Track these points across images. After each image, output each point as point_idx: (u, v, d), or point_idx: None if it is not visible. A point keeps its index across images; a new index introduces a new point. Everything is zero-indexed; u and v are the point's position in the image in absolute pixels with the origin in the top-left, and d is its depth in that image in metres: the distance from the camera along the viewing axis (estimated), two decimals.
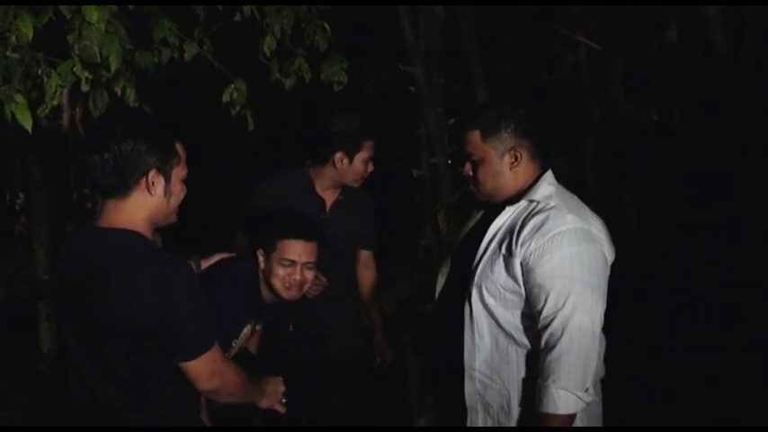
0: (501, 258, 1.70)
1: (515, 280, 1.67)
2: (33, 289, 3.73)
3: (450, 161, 3.59)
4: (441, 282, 1.93)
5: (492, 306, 1.70)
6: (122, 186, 1.50)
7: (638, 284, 3.65)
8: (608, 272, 1.70)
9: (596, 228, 1.70)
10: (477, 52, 3.78)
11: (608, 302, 1.67)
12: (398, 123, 3.87)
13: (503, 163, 1.74)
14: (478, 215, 1.92)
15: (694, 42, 3.97)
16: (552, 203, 1.69)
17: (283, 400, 1.80)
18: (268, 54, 2.66)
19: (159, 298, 1.44)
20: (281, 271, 2.06)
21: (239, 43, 2.82)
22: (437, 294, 1.95)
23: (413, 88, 3.62)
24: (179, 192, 1.57)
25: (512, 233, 1.70)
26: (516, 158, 1.74)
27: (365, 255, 2.75)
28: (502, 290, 1.69)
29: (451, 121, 3.60)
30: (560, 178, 1.80)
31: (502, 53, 4.06)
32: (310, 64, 2.74)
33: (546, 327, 1.62)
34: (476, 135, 1.75)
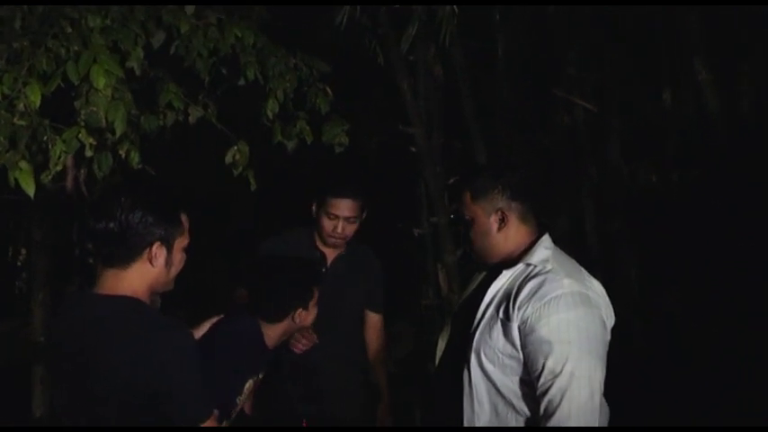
0: (499, 323, 1.70)
1: (513, 345, 1.66)
2: (29, 351, 3.68)
3: (450, 219, 3.60)
4: (441, 346, 1.92)
5: (491, 372, 1.69)
6: (125, 256, 1.51)
7: (642, 348, 3.60)
8: (607, 337, 1.69)
9: (594, 292, 1.69)
10: (476, 113, 3.85)
11: (610, 367, 1.64)
12: (399, 183, 3.90)
13: (490, 223, 1.77)
14: (480, 277, 1.92)
15: (689, 104, 4.05)
16: (549, 267, 1.69)
17: None
18: (271, 117, 2.70)
19: (160, 365, 1.43)
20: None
21: (242, 105, 2.88)
22: (437, 359, 1.93)
23: (413, 148, 3.67)
24: (179, 262, 1.58)
25: (509, 297, 1.70)
26: (503, 219, 1.76)
27: (373, 318, 2.71)
28: (500, 355, 1.68)
29: (451, 180, 3.63)
30: (560, 239, 1.81)
31: (500, 114, 4.12)
32: (312, 126, 2.78)
33: (544, 393, 1.59)
34: (467, 196, 1.80)
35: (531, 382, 1.66)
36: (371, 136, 4.10)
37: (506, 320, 1.67)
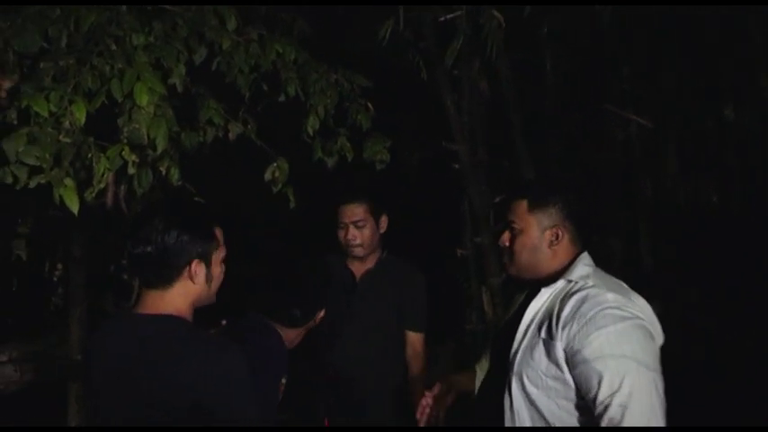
0: (541, 343, 1.70)
1: (558, 365, 1.66)
2: (65, 369, 3.78)
3: (495, 240, 3.59)
4: (479, 375, 1.93)
5: (534, 396, 1.69)
6: (166, 277, 1.56)
7: (702, 379, 3.50)
8: (658, 352, 1.66)
9: (639, 306, 1.68)
10: (523, 129, 3.84)
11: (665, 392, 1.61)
12: (442, 201, 3.90)
13: (543, 238, 1.77)
14: (520, 298, 1.92)
15: (752, 117, 3.96)
16: (590, 283, 1.70)
17: None
18: (311, 133, 2.75)
19: (215, 384, 1.46)
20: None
21: (282, 122, 2.94)
22: (477, 387, 1.95)
23: (456, 165, 3.68)
24: (219, 275, 1.63)
25: (550, 316, 1.71)
26: (557, 237, 1.77)
27: (413, 337, 2.71)
28: (544, 377, 1.68)
29: (497, 199, 3.62)
30: (611, 262, 1.80)
31: (548, 130, 4.10)
32: (353, 142, 2.82)
33: (603, 412, 1.57)
34: (522, 205, 1.80)
35: (578, 406, 1.65)
36: (413, 152, 4.13)
37: (549, 340, 1.67)
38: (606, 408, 1.57)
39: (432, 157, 3.93)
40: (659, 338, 1.70)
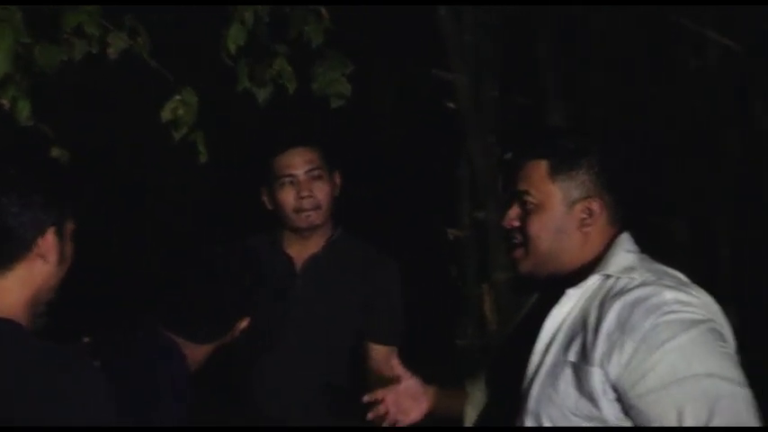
0: (569, 370, 1.72)
1: (593, 401, 1.69)
2: None
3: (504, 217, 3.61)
4: (471, 415, 1.99)
5: None
6: (5, 255, 1.57)
7: None
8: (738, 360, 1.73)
9: (705, 303, 1.73)
10: (554, 53, 3.84)
11: None
12: (429, 159, 3.90)
13: (571, 216, 1.80)
14: (532, 300, 1.96)
15: None
16: (638, 278, 1.73)
17: None
18: (233, 52, 2.71)
19: (63, 414, 1.49)
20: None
21: (190, 33, 2.90)
22: (468, 416, 2.02)
23: (451, 104, 3.67)
24: (71, 253, 1.66)
25: (584, 329, 1.72)
26: (591, 214, 1.79)
27: (380, 354, 2.74)
28: (573, 417, 1.71)
29: (508, 155, 3.62)
30: (676, 252, 1.82)
31: (591, 56, 4.11)
32: (296, 66, 2.80)
33: None
34: (541, 167, 1.81)
35: None
36: (387, 84, 4.12)
37: (583, 364, 1.70)
38: None
39: (415, 93, 3.92)
40: (730, 340, 1.75)
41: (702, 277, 1.83)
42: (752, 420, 1.63)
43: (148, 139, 2.71)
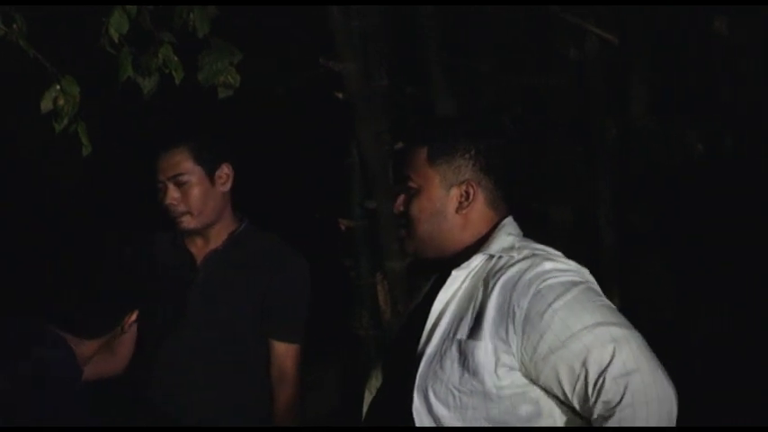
0: (455, 347, 1.78)
1: (476, 375, 1.74)
2: None
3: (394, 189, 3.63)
4: (368, 398, 2.03)
5: (445, 419, 1.77)
6: None
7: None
8: None
9: (580, 270, 1.84)
10: (441, 42, 3.86)
11: None
12: (318, 149, 3.88)
13: (448, 199, 1.88)
14: (426, 287, 2.00)
15: (753, 34, 4.14)
16: (517, 255, 1.81)
17: None
18: (116, 40, 2.67)
19: None
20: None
21: (71, 21, 2.79)
22: (365, 409, 2.03)
23: (340, 94, 3.67)
24: None
25: (471, 307, 1.80)
26: (468, 197, 1.87)
27: (282, 351, 2.74)
28: (457, 393, 1.76)
29: (399, 144, 3.64)
30: (560, 236, 1.88)
31: (477, 46, 4.15)
32: (182, 55, 2.77)
33: (597, 397, 1.69)
34: (421, 153, 1.90)
35: (508, 424, 1.74)
36: (276, 75, 4.08)
37: (472, 341, 1.76)
38: (600, 390, 1.68)
39: (304, 83, 3.89)
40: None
41: (586, 263, 1.88)
42: (648, 355, 1.72)
43: (33, 131, 2.64)
